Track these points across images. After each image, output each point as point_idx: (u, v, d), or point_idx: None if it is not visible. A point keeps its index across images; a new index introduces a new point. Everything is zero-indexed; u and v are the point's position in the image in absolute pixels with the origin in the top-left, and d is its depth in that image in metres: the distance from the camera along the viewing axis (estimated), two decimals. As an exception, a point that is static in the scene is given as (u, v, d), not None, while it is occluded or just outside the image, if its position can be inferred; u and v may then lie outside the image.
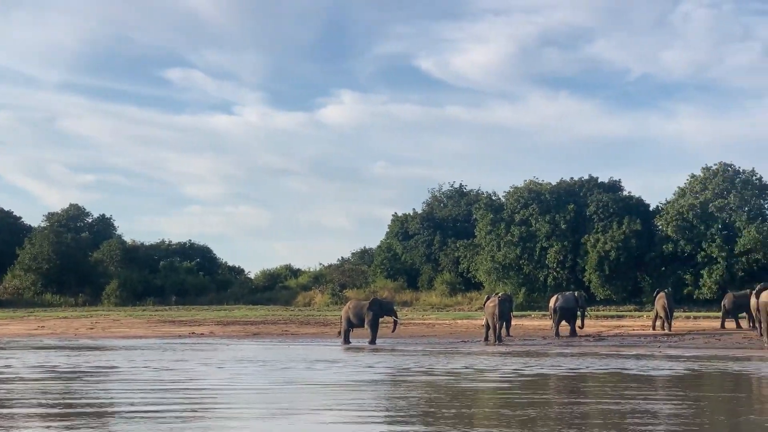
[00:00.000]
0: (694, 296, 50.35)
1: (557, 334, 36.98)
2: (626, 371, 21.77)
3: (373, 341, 34.85)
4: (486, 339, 35.37)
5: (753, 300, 32.89)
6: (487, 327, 35.64)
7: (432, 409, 14.87)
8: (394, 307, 38.72)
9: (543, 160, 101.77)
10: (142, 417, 13.88)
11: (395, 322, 36.35)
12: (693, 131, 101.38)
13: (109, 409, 15.08)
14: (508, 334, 37.12)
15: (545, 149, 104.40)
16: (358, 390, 18.21)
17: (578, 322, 37.74)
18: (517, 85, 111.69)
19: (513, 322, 39.93)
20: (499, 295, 36.95)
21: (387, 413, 14.68)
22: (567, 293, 39.28)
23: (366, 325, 35.43)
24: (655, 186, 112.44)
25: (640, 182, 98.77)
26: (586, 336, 36.49)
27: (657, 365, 23.58)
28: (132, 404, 15.46)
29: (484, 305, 37.01)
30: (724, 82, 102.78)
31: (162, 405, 15.22)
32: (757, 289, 32.88)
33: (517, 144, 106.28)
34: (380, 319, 35.96)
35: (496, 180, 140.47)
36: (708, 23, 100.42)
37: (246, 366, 23.76)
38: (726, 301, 38.99)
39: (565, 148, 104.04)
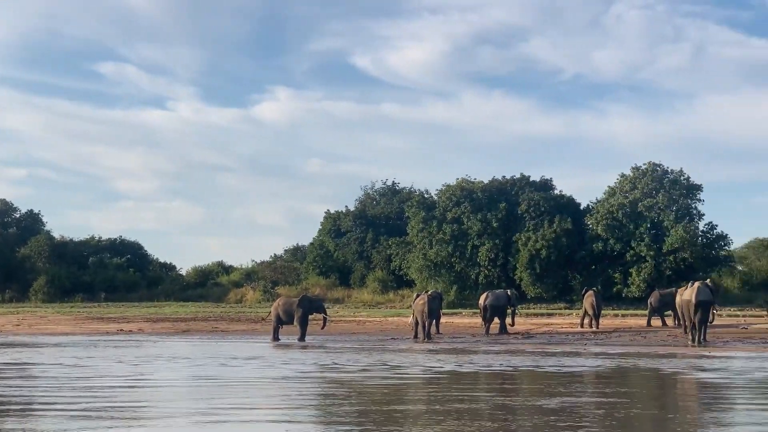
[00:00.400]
0: (623, 294, 50.82)
1: (487, 331, 37.03)
2: (540, 369, 22.02)
3: (302, 338, 34.69)
4: (415, 336, 35.36)
5: (678, 298, 33.28)
6: (416, 324, 35.61)
7: (340, 407, 14.72)
8: (324, 304, 38.55)
9: (477, 159, 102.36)
10: (41, 414, 13.63)
11: (324, 319, 36.14)
12: (624, 131, 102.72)
13: (5, 407, 14.67)
14: (437, 332, 37.17)
15: (479, 148, 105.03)
16: (279, 386, 18.03)
17: (509, 320, 37.86)
18: (452, 83, 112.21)
19: (444, 320, 39.96)
20: (429, 292, 36.93)
21: (310, 411, 14.58)
22: (498, 291, 39.47)
23: (295, 322, 35.31)
24: (586, 185, 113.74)
25: (571, 181, 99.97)
26: (515, 334, 36.58)
27: (574, 362, 23.78)
28: (31, 402, 15.12)
29: (413, 303, 36.94)
30: (655, 83, 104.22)
31: (62, 403, 14.89)
32: (683, 286, 33.30)
33: (451, 142, 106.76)
34: (310, 316, 35.85)
35: (431, 178, 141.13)
36: (640, 25, 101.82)
37: (167, 362, 23.47)
38: (652, 299, 39.37)
39: (498, 147, 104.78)
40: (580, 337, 35.17)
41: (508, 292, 38.99)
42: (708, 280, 35.06)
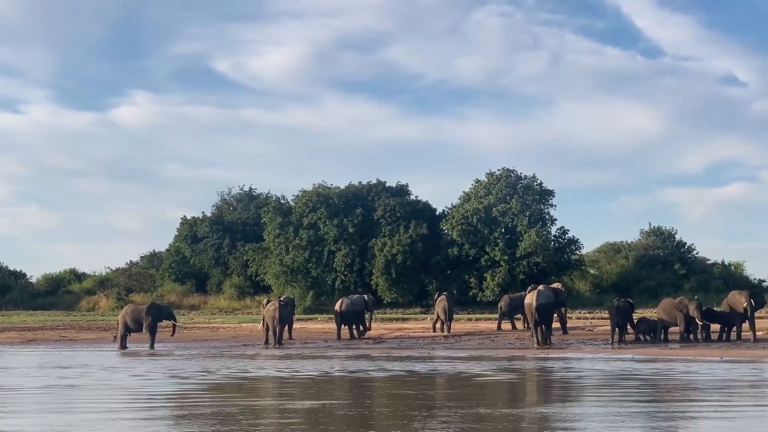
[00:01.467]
0: (478, 298, 51.47)
1: (339, 336, 37.18)
2: (359, 372, 22.39)
3: (152, 346, 34.38)
4: (266, 342, 35.30)
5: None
6: (267, 330, 35.51)
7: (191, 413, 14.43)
8: (173, 311, 38.11)
9: (337, 164, 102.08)
10: None
11: (174, 326, 35.78)
12: (484, 137, 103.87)
13: None
14: (290, 338, 37.24)
15: (341, 153, 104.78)
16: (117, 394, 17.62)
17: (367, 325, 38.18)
18: (314, 88, 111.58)
19: (298, 325, 39.93)
20: (281, 298, 36.90)
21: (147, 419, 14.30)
22: (354, 296, 39.68)
23: (144, 330, 34.94)
24: (446, 190, 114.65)
25: (432, 187, 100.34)
26: (367, 339, 36.75)
27: (393, 366, 24.23)
28: None
29: (263, 308, 36.75)
30: (514, 90, 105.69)
31: None
32: (528, 290, 34.00)
33: (313, 147, 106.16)
34: (159, 323, 35.46)
35: (292, 183, 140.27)
36: (499, 32, 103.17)
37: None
38: (502, 303, 40.01)
39: (359, 152, 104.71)
40: (431, 341, 35.52)
41: (365, 297, 39.22)
42: (555, 284, 35.93)
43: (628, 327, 33.92)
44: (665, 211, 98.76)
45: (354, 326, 38.04)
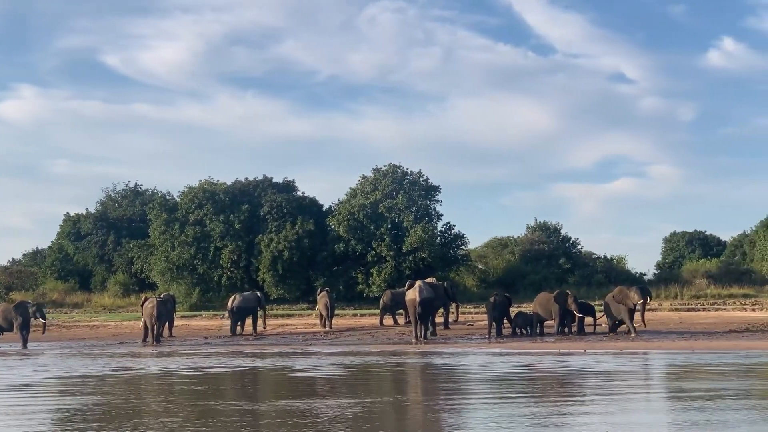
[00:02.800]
0: (365, 294, 51.66)
1: (234, 332, 37.02)
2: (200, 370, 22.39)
3: (24, 345, 33.71)
4: (144, 340, 34.85)
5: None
6: (146, 328, 35.08)
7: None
8: (44, 309, 37.40)
9: (230, 161, 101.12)
10: None
11: (44, 324, 35.14)
12: (377, 133, 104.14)
13: None
14: (170, 335, 36.91)
15: (232, 149, 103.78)
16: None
17: (260, 322, 38.13)
18: (206, 83, 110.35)
19: (181, 323, 39.59)
20: (161, 295, 36.55)
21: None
22: (246, 293, 39.50)
23: (15, 330, 34.15)
24: (338, 187, 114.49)
25: (324, 183, 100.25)
26: (247, 335, 36.59)
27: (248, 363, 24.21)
28: None
29: (141, 306, 36.29)
30: (407, 86, 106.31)
31: None
32: (407, 285, 34.15)
33: (204, 144, 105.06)
34: (32, 322, 34.75)
35: (183, 180, 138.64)
36: (393, 28, 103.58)
37: None
38: (384, 298, 40.14)
39: (252, 149, 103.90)
40: (312, 337, 35.52)
41: (258, 294, 39.10)
42: (429, 279, 36.17)
43: (506, 321, 34.35)
44: (556, 207, 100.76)
45: (240, 323, 37.79)
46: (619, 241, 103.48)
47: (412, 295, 32.55)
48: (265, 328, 38.32)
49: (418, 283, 33.24)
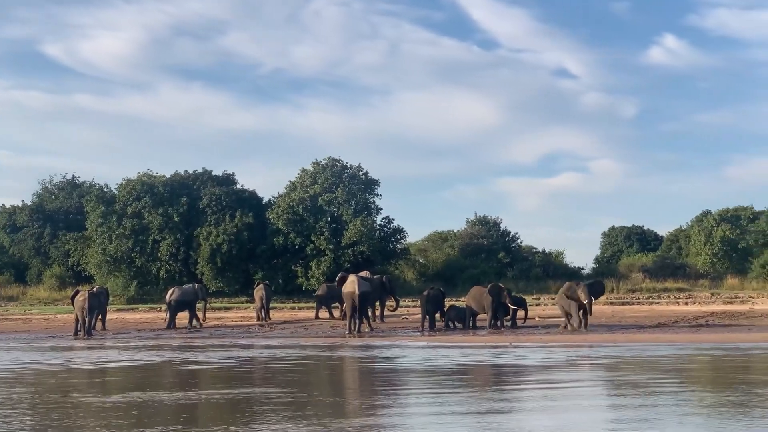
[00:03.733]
0: (304, 287, 51.57)
1: (171, 326, 37.20)
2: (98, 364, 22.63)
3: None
4: (75, 333, 34.79)
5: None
6: (77, 321, 34.98)
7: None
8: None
9: (172, 153, 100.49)
10: None
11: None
12: (321, 126, 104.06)
13: None
14: (103, 328, 36.85)
15: (176, 142, 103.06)
16: None
17: (200, 315, 38.54)
18: (149, 75, 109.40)
19: (116, 315, 39.52)
20: (94, 288, 36.46)
21: None
22: (185, 286, 39.56)
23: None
24: (280, 180, 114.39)
25: (267, 176, 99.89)
26: (181, 328, 36.61)
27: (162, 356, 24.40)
28: None
29: (72, 299, 36.10)
30: (352, 79, 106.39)
31: None
32: (338, 278, 34.32)
33: (147, 136, 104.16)
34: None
35: (123, 172, 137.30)
36: (338, 21, 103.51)
37: None
38: (320, 292, 40.30)
39: (195, 141, 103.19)
40: (246, 330, 35.54)
41: (196, 287, 39.08)
42: (363, 272, 36.34)
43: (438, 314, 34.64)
44: (499, 201, 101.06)
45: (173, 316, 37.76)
46: (561, 236, 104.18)
47: (351, 287, 32.78)
48: (204, 320, 38.33)
49: (353, 276, 33.42)
